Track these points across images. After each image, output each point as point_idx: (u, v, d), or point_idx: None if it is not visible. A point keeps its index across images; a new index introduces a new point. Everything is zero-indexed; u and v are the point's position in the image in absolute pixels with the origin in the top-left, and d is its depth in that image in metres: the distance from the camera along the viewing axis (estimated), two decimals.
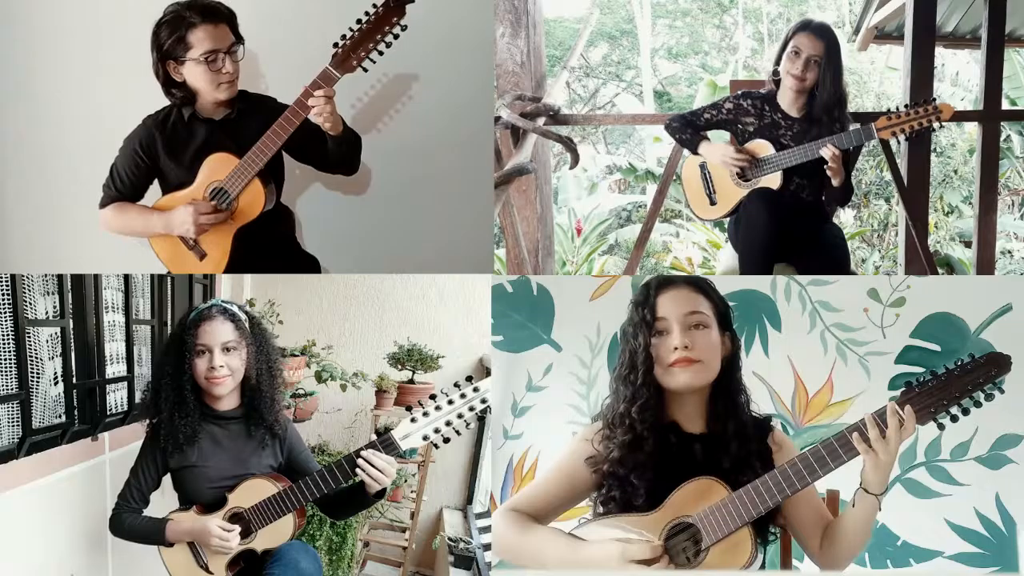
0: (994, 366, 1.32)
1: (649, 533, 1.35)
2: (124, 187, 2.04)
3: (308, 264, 2.19)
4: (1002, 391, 1.33)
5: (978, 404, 1.33)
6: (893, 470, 2.16)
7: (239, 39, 1.95)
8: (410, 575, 3.30)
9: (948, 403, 1.33)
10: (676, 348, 1.40)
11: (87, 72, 2.34)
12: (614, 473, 1.42)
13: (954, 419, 1.34)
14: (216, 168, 1.96)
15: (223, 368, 1.81)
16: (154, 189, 2.07)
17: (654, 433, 1.41)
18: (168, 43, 1.90)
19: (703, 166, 2.63)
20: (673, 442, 1.43)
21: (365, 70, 1.93)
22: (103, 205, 2.06)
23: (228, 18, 1.94)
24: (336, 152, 2.04)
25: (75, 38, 2.34)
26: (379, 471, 1.70)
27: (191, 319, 1.83)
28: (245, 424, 1.87)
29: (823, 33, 2.40)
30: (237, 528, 1.76)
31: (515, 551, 1.43)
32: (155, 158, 2.01)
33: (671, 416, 1.46)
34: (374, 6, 1.90)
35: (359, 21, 1.90)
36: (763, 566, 1.46)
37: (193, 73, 1.93)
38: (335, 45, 1.91)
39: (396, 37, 1.92)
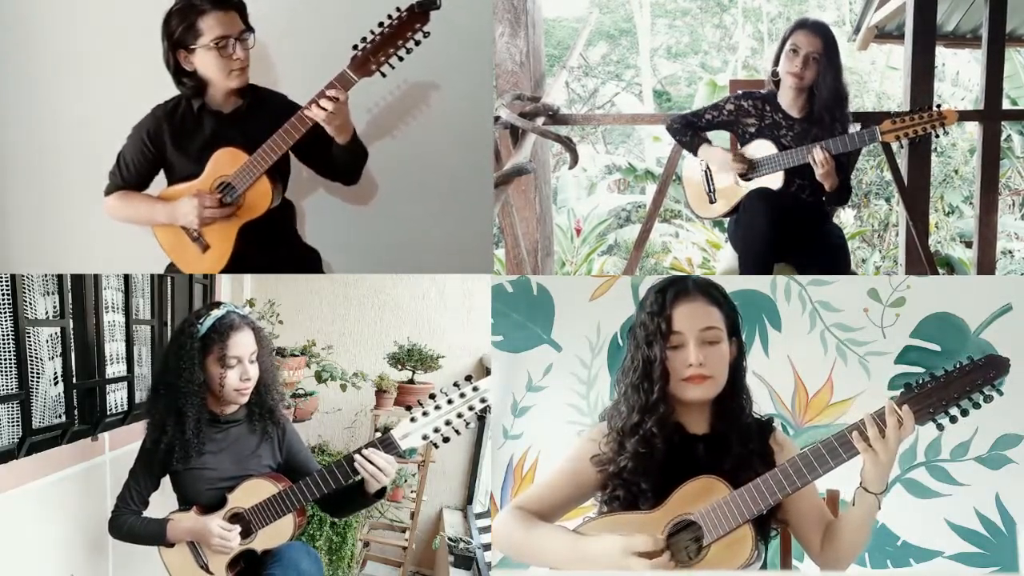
0: (992, 368, 1.33)
1: (652, 530, 1.36)
2: (130, 176, 2.02)
3: (309, 257, 2.19)
4: (1000, 393, 1.34)
5: (977, 406, 1.35)
6: (893, 470, 2.18)
7: (249, 28, 1.93)
8: (410, 575, 3.30)
9: (947, 404, 1.34)
10: (691, 365, 1.42)
11: (87, 71, 2.34)
12: (621, 476, 1.44)
13: (953, 420, 1.36)
14: (224, 162, 1.94)
15: (252, 379, 1.82)
16: (159, 179, 2.06)
17: (665, 441, 1.43)
18: (179, 31, 1.89)
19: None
20: (677, 443, 1.45)
21: (384, 75, 1.90)
22: (108, 192, 2.05)
23: (238, 6, 1.92)
24: (340, 159, 2.01)
25: (75, 38, 2.33)
26: (378, 469, 1.70)
27: (213, 327, 1.80)
28: (244, 428, 1.87)
29: (820, 30, 2.40)
30: (237, 527, 1.76)
31: (519, 548, 1.45)
32: (162, 148, 1.99)
33: (676, 418, 1.47)
34: (397, 10, 1.87)
35: (381, 24, 1.87)
36: (764, 566, 1.47)
37: (204, 61, 1.90)
38: (354, 48, 1.87)
39: (418, 43, 1.88)
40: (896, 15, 4.36)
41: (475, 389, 1.70)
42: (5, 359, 1.80)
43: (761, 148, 2.50)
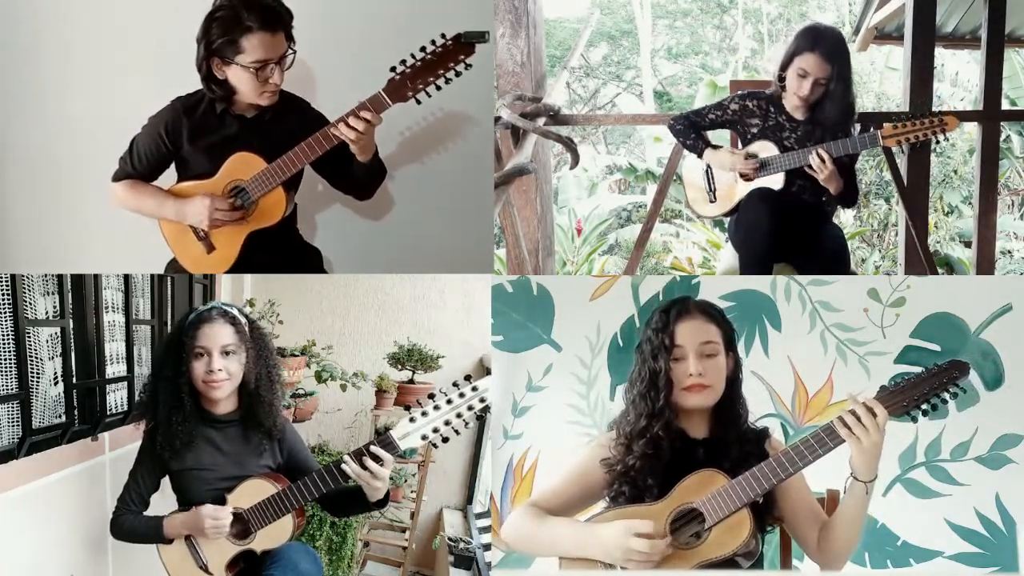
0: (956, 370, 1.51)
1: (656, 519, 1.48)
2: (141, 166, 1.99)
3: (310, 256, 2.18)
4: (964, 391, 1.53)
5: (944, 402, 1.52)
6: (893, 470, 2.20)
7: (292, 43, 1.88)
8: (410, 575, 3.30)
9: (918, 400, 1.50)
10: (691, 375, 1.55)
11: (90, 71, 2.34)
12: (628, 474, 1.55)
13: (924, 413, 1.51)
14: (240, 166, 1.92)
15: (221, 372, 1.78)
16: (169, 171, 2.04)
17: (669, 443, 1.55)
18: (218, 42, 1.83)
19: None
20: (679, 446, 1.56)
21: (419, 102, 1.85)
22: (116, 179, 2.02)
23: (286, 23, 1.87)
24: (358, 177, 2.00)
25: (81, 37, 2.33)
26: (370, 473, 1.68)
27: (190, 321, 1.81)
28: (242, 428, 1.86)
29: (833, 55, 2.32)
30: (229, 508, 1.76)
31: (532, 540, 1.57)
32: (178, 145, 1.96)
33: (679, 424, 1.58)
34: (443, 36, 1.82)
35: (423, 50, 1.82)
36: (763, 566, 1.54)
37: (239, 77, 1.86)
38: (392, 70, 1.83)
39: (458, 75, 1.84)
40: (896, 16, 4.36)
41: (474, 389, 1.69)
42: (5, 359, 1.79)
43: (763, 149, 2.49)
